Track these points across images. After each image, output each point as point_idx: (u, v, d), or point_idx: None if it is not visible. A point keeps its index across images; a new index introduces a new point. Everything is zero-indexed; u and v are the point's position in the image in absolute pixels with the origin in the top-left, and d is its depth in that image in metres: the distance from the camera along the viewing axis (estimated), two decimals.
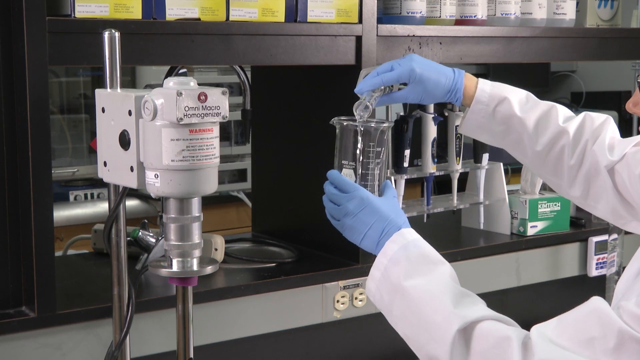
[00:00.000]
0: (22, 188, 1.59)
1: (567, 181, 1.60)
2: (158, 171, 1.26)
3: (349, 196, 1.41)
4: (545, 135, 1.58)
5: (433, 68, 1.55)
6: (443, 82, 1.56)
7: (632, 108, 1.42)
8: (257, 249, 2.13)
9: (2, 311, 1.60)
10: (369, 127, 1.45)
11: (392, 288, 1.34)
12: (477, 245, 2.21)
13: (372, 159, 1.44)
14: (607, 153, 1.55)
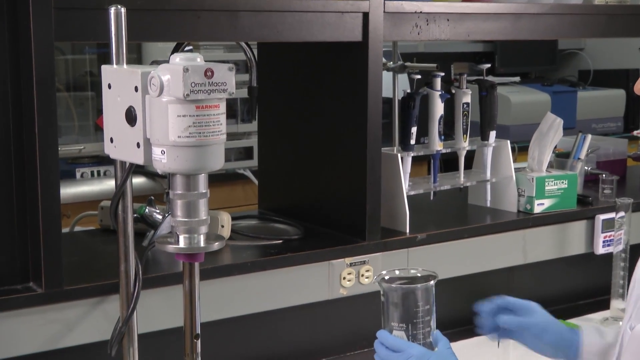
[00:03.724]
0: (28, 165, 1.59)
1: None
2: (164, 147, 1.26)
3: (404, 355, 1.39)
4: None
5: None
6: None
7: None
8: (264, 225, 2.13)
9: (10, 287, 1.60)
10: (418, 288, 1.44)
11: None
12: (484, 222, 2.21)
13: (422, 317, 1.44)
14: None
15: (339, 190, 2.03)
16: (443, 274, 2.09)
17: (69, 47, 3.87)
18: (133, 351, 1.50)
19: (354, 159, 1.96)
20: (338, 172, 2.03)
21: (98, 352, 1.59)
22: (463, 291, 2.20)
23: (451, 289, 2.18)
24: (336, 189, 2.04)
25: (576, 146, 2.49)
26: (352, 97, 1.95)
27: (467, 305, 2.06)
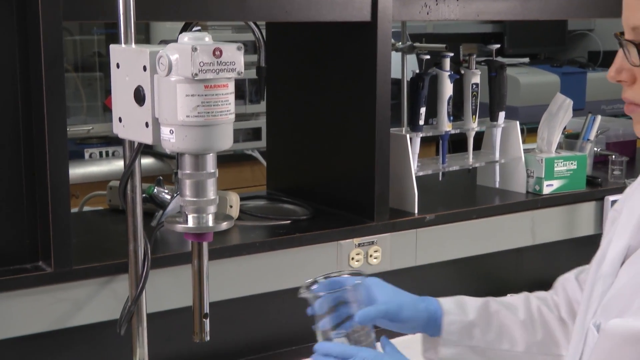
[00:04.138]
0: (37, 145, 1.59)
1: (562, 338, 1.50)
2: (173, 127, 1.25)
3: (357, 359, 1.31)
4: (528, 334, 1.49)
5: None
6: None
7: (616, 76, 1.18)
8: (272, 206, 2.14)
9: (19, 266, 1.61)
10: (347, 290, 1.37)
11: None
12: (493, 203, 2.21)
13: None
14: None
15: (347, 170, 2.03)
16: (451, 254, 2.11)
17: (77, 28, 3.87)
18: (142, 330, 1.50)
19: (363, 139, 1.96)
20: (346, 152, 2.02)
21: (107, 331, 1.60)
22: (471, 272, 2.20)
23: (459, 269, 2.18)
24: (345, 169, 2.04)
25: (585, 127, 2.48)
26: (361, 78, 1.94)
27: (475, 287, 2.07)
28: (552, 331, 1.49)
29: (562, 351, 1.49)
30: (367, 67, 1.92)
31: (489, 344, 1.47)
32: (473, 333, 1.47)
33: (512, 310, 1.49)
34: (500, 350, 1.48)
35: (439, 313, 1.45)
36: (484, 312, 1.48)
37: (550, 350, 1.49)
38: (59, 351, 1.68)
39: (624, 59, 1.15)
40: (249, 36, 2.13)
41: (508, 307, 1.50)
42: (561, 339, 1.49)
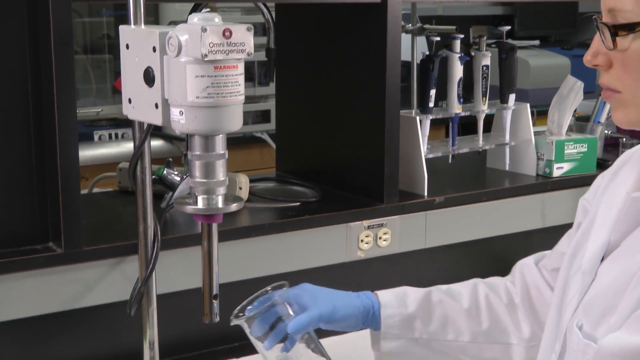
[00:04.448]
0: (47, 126, 1.59)
1: (512, 326, 1.47)
2: (183, 108, 1.25)
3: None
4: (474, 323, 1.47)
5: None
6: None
7: (592, 60, 1.14)
8: (281, 188, 2.14)
9: (30, 247, 1.61)
10: (276, 303, 1.37)
11: None
12: (502, 186, 2.20)
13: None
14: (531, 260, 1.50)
15: (357, 153, 2.03)
16: (461, 237, 2.11)
17: (86, 9, 3.87)
18: (152, 311, 1.51)
19: (373, 121, 1.95)
20: (356, 134, 2.02)
21: (117, 312, 1.61)
22: (481, 255, 2.20)
23: (469, 252, 2.18)
24: (354, 151, 2.04)
25: (596, 110, 2.47)
26: (371, 59, 1.93)
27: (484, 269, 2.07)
28: (500, 319, 1.46)
29: (511, 339, 1.46)
30: (377, 48, 1.91)
31: (432, 335, 1.45)
32: (414, 325, 1.44)
33: (456, 299, 1.46)
34: (445, 341, 1.45)
35: (375, 307, 1.43)
36: (425, 303, 1.45)
37: (499, 339, 1.46)
38: (69, 332, 1.69)
39: (600, 42, 1.12)
40: (258, 18, 2.12)
41: (452, 296, 1.47)
42: (510, 326, 1.46)
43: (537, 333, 1.45)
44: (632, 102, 1.11)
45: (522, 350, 1.46)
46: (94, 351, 1.73)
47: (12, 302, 1.58)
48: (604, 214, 1.20)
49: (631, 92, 1.10)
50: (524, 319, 1.46)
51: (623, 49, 1.09)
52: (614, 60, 1.11)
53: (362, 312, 1.42)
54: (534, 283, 1.47)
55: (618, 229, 1.15)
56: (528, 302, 1.47)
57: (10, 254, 1.58)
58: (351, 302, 1.42)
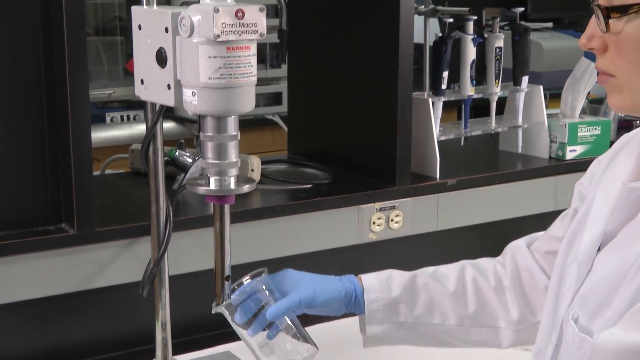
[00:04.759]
0: (60, 107, 1.59)
1: (500, 308, 1.46)
2: (195, 89, 1.25)
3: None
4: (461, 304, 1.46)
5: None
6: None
7: (587, 44, 1.11)
8: (293, 170, 2.13)
9: (43, 228, 1.62)
10: (261, 290, 1.37)
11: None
12: (515, 169, 2.19)
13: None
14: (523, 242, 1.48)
15: (369, 135, 2.02)
16: (473, 220, 2.10)
17: None
18: (164, 292, 1.51)
19: (385, 103, 1.95)
20: (368, 116, 2.01)
21: (130, 293, 1.61)
22: (492, 237, 2.19)
23: (481, 235, 2.17)
24: (366, 133, 2.03)
25: None
26: (383, 41, 1.93)
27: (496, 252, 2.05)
28: (487, 303, 1.44)
29: (499, 323, 1.44)
30: (389, 30, 1.90)
31: (418, 319, 1.44)
32: (399, 310, 1.43)
33: (442, 283, 1.45)
34: (431, 324, 1.44)
35: (358, 291, 1.42)
36: (410, 287, 1.44)
37: (486, 322, 1.45)
38: (81, 313, 1.70)
39: (596, 26, 1.10)
40: (270, 0, 2.11)
41: (438, 280, 1.45)
42: (498, 310, 1.44)
43: (526, 316, 1.44)
44: (627, 87, 1.09)
45: (510, 333, 1.44)
46: (107, 332, 1.74)
47: (25, 283, 1.58)
48: (600, 204, 1.18)
49: (625, 77, 1.08)
50: (512, 302, 1.44)
51: (616, 32, 1.07)
52: (609, 43, 1.09)
53: (344, 297, 1.42)
54: (526, 266, 1.45)
55: (614, 219, 1.13)
56: (518, 285, 1.45)
57: (23, 235, 1.59)
58: (333, 286, 1.41)
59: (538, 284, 1.43)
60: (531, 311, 1.44)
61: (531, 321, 1.44)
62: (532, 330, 1.42)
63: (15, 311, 1.62)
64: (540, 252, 1.45)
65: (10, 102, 1.58)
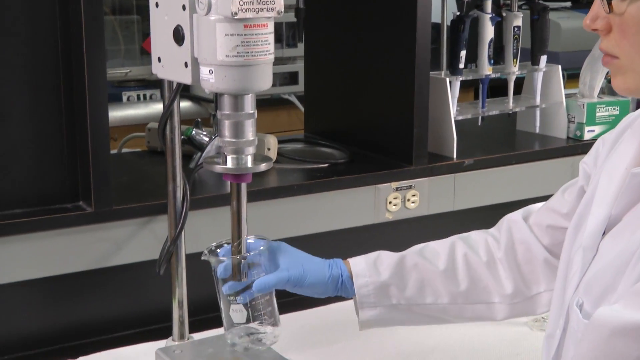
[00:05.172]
0: (77, 86, 1.59)
1: (493, 283, 1.44)
2: (212, 67, 1.25)
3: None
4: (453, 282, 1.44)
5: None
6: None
7: (591, 24, 1.11)
8: (310, 149, 2.13)
9: (60, 205, 1.63)
10: (255, 256, 1.36)
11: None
12: (532, 149, 2.18)
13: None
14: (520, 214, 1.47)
15: (386, 114, 2.02)
16: (490, 200, 2.10)
17: None
18: (181, 270, 1.52)
19: (402, 82, 1.94)
20: (385, 96, 2.01)
21: (146, 271, 1.62)
22: None
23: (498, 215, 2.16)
24: (383, 113, 2.02)
25: None
26: (401, 20, 1.91)
27: None
28: (479, 279, 1.43)
29: (493, 298, 1.43)
30: (407, 8, 1.89)
31: (410, 300, 1.43)
32: (390, 292, 1.42)
33: (431, 262, 1.44)
34: (424, 304, 1.43)
35: (345, 276, 1.42)
36: (399, 269, 1.43)
37: (480, 298, 1.43)
38: (98, 290, 1.71)
39: (600, 6, 1.09)
40: None
41: (428, 258, 1.44)
42: (491, 285, 1.43)
43: (521, 289, 1.43)
44: (630, 69, 1.08)
45: (505, 307, 1.43)
46: (123, 310, 1.75)
47: (42, 261, 1.59)
48: (604, 188, 1.17)
49: (629, 58, 1.07)
50: (506, 275, 1.43)
51: (620, 13, 1.06)
52: (613, 24, 1.08)
53: (331, 282, 1.41)
54: (522, 239, 1.44)
55: (619, 204, 1.13)
56: (512, 258, 1.44)
57: (41, 213, 1.60)
58: (321, 270, 1.41)
59: (535, 257, 1.42)
60: (526, 284, 1.43)
61: (526, 294, 1.43)
62: (529, 303, 1.43)
63: (33, 289, 1.63)
64: (540, 225, 1.43)
65: (28, 81, 1.59)
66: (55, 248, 1.60)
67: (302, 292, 1.40)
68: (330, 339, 1.66)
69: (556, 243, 1.40)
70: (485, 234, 1.49)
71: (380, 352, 1.60)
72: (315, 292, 1.41)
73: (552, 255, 1.41)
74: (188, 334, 1.54)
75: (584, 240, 1.15)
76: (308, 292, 1.41)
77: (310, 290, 1.40)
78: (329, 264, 1.43)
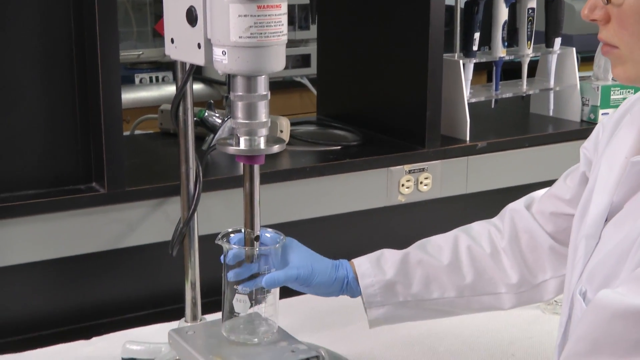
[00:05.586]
0: (90, 67, 1.59)
1: (499, 274, 1.44)
2: (225, 48, 1.24)
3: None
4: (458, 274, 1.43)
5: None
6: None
7: (589, 14, 1.10)
8: (322, 131, 2.13)
9: (73, 186, 1.63)
10: (267, 251, 1.36)
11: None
12: (546, 132, 2.17)
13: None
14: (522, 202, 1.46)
15: (399, 96, 2.01)
16: (502, 183, 2.09)
17: None
18: (194, 252, 1.52)
19: (415, 65, 1.93)
20: (398, 78, 2.00)
21: (159, 252, 1.62)
22: None
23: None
24: (396, 95, 2.02)
25: None
26: (415, 2, 1.90)
27: None
28: (484, 270, 1.43)
29: (499, 289, 1.43)
30: None
31: (416, 297, 1.43)
32: (396, 290, 1.42)
33: (435, 257, 1.44)
34: (431, 300, 1.43)
35: (350, 277, 1.42)
36: (403, 267, 1.43)
37: (486, 289, 1.43)
38: (111, 271, 1.72)
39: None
40: None
41: (431, 254, 1.44)
42: (496, 276, 1.43)
43: (526, 278, 1.42)
44: (630, 58, 1.07)
45: (512, 296, 1.43)
46: (136, 291, 1.75)
47: (55, 241, 1.60)
48: (604, 176, 1.17)
49: (628, 48, 1.07)
50: (511, 265, 1.43)
51: (618, 4, 1.06)
52: (611, 15, 1.07)
53: (336, 283, 1.42)
54: (525, 227, 1.43)
55: (619, 192, 1.13)
56: (516, 248, 1.43)
57: (54, 194, 1.60)
58: (327, 270, 1.41)
59: (540, 245, 1.42)
60: (531, 273, 1.42)
61: (532, 283, 1.43)
62: (535, 291, 1.43)
63: (46, 269, 1.64)
64: (543, 213, 1.43)
65: (41, 63, 1.59)
66: (68, 229, 1.60)
67: (308, 290, 1.41)
68: (342, 321, 1.66)
69: (560, 230, 1.39)
70: (487, 225, 1.49)
71: (392, 335, 1.60)
72: (320, 292, 1.42)
73: (556, 242, 1.41)
74: (200, 315, 1.55)
75: (587, 228, 1.15)
76: (313, 291, 1.41)
77: (316, 290, 1.41)
78: (335, 265, 1.43)
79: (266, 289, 1.37)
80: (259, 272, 1.36)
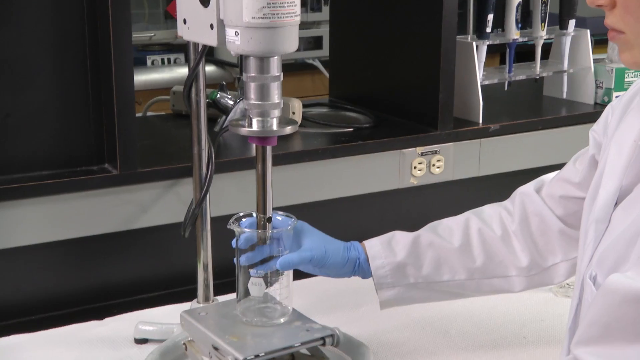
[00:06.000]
0: (102, 49, 1.59)
1: (509, 257, 1.44)
2: (238, 29, 1.24)
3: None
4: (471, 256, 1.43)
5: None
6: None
7: (595, 0, 1.09)
8: (335, 113, 2.12)
9: (86, 167, 1.63)
10: (279, 234, 1.36)
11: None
12: (559, 114, 2.16)
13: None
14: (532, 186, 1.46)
15: (411, 78, 2.00)
16: (515, 165, 2.08)
17: None
18: (206, 234, 1.52)
19: (428, 46, 1.92)
20: (411, 60, 1.99)
21: (171, 233, 1.63)
22: None
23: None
24: (409, 77, 2.01)
25: None
26: None
27: None
28: (495, 253, 1.43)
29: (510, 272, 1.43)
30: None
31: (427, 279, 1.43)
32: (407, 272, 1.43)
33: (446, 239, 1.44)
34: (442, 282, 1.43)
35: (362, 258, 1.42)
36: (414, 248, 1.43)
37: (496, 272, 1.44)
38: (123, 252, 1.72)
39: None
40: None
41: (442, 236, 1.44)
42: (507, 259, 1.43)
43: (537, 261, 1.43)
44: (636, 43, 1.07)
45: (522, 279, 1.44)
46: (148, 272, 1.76)
47: (68, 222, 1.60)
48: (613, 160, 1.17)
49: (634, 33, 1.06)
50: (522, 248, 1.43)
51: None
52: (617, 0, 1.07)
53: (348, 264, 1.42)
54: (535, 211, 1.43)
55: (628, 176, 1.13)
56: (527, 231, 1.44)
57: (67, 175, 1.61)
58: (340, 252, 1.42)
59: (550, 228, 1.42)
60: (542, 256, 1.43)
61: (542, 266, 1.43)
62: (546, 274, 1.43)
63: (59, 250, 1.65)
64: (553, 196, 1.43)
65: (54, 45, 1.59)
66: (81, 210, 1.61)
67: (321, 272, 1.42)
68: (354, 303, 1.66)
69: (570, 213, 1.39)
70: (499, 208, 1.49)
71: (404, 317, 1.60)
72: (333, 273, 1.43)
73: (567, 226, 1.41)
74: (213, 296, 1.55)
75: (596, 212, 1.15)
76: (326, 272, 1.42)
77: (329, 271, 1.42)
78: (347, 247, 1.43)
79: (280, 271, 1.37)
80: (272, 255, 1.36)
